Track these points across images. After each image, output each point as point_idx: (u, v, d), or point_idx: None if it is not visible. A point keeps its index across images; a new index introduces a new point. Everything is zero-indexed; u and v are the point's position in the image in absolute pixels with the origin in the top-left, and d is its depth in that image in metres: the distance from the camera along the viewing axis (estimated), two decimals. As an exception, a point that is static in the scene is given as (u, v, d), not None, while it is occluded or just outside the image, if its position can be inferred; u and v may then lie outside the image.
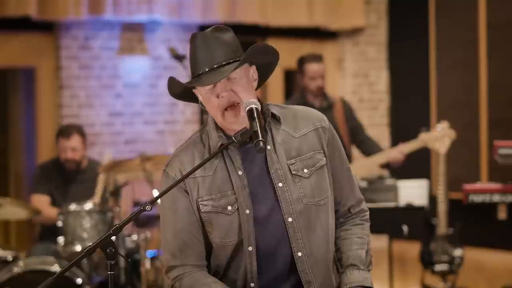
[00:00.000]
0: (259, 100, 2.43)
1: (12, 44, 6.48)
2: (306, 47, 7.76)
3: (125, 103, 6.85)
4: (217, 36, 2.39)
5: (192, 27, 7.12)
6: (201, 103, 2.46)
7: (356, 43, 8.05)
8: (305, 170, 2.43)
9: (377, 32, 8.03)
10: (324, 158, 2.47)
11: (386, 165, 5.43)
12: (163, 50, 6.80)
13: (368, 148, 5.52)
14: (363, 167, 5.44)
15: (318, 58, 5.42)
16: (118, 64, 6.83)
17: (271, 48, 2.43)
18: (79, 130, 5.37)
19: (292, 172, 2.42)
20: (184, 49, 6.88)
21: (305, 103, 5.14)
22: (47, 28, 6.54)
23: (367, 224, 2.59)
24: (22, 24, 6.30)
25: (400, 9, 7.93)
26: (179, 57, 5.43)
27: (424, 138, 5.47)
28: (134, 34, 6.90)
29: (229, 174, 2.40)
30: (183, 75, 6.89)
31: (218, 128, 2.44)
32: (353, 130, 5.53)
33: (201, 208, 2.41)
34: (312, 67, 5.35)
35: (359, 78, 8.06)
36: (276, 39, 7.51)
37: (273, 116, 2.46)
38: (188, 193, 2.43)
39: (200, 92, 2.42)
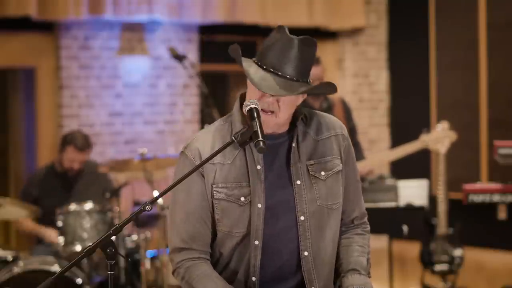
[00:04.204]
0: (297, 108, 2.46)
1: (12, 44, 6.47)
2: (306, 47, 7.75)
3: (125, 103, 6.85)
4: (301, 47, 2.36)
5: (192, 27, 7.12)
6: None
7: (356, 43, 8.05)
8: (322, 173, 2.46)
9: (377, 32, 8.02)
10: (341, 165, 2.51)
11: None
12: (163, 50, 6.80)
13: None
14: None
15: (315, 61, 5.35)
16: (118, 64, 6.83)
17: (334, 87, 2.43)
18: (90, 143, 5.34)
19: (310, 172, 2.45)
20: (184, 49, 6.88)
21: (305, 103, 5.12)
22: (47, 28, 6.53)
23: (368, 235, 2.63)
24: (22, 24, 6.30)
25: (400, 9, 7.92)
26: (179, 57, 5.42)
27: (424, 140, 5.47)
28: (134, 34, 6.89)
29: (247, 166, 2.41)
30: (183, 75, 6.92)
31: (244, 121, 2.42)
32: (349, 131, 5.52)
33: (214, 194, 2.41)
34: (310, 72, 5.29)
35: (359, 78, 8.05)
36: (276, 39, 7.49)
37: (302, 117, 2.49)
38: (204, 177, 2.42)
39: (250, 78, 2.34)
